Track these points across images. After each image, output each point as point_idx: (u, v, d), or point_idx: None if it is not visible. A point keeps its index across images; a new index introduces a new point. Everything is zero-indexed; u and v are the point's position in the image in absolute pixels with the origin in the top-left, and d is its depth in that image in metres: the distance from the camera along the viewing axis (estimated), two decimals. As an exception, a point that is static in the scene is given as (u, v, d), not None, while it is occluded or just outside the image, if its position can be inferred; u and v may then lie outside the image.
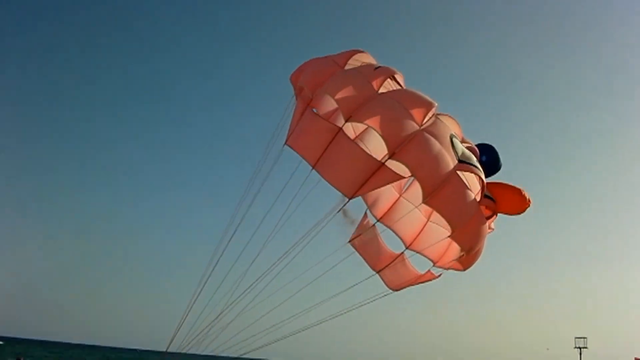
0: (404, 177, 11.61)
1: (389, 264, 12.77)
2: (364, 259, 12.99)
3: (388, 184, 11.81)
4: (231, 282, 12.09)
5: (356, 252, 12.96)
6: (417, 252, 12.96)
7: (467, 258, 12.51)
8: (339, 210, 11.90)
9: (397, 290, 12.99)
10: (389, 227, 13.02)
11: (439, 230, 12.28)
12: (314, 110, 12.17)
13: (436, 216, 12.24)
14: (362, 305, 12.76)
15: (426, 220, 12.85)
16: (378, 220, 13.09)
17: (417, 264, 13.03)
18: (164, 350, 12.90)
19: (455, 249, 12.33)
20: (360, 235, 12.88)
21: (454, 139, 11.67)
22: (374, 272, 12.94)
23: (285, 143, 12.21)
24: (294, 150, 12.00)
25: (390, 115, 11.08)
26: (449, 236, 11.87)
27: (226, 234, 12.24)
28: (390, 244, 13.27)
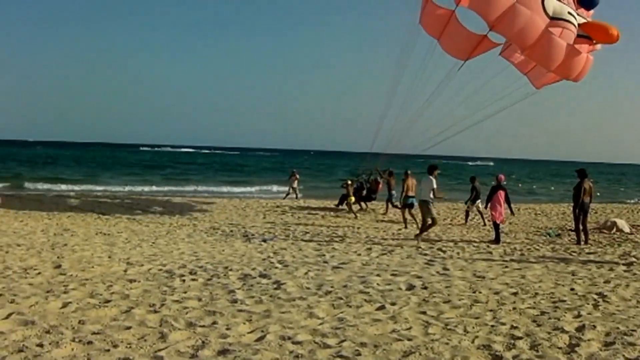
0: (502, 43, 16.23)
1: (534, 67, 16.59)
2: (514, 65, 17.25)
3: (491, 49, 16.57)
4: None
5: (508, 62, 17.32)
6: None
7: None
8: (459, 69, 17.13)
9: (539, 88, 17.18)
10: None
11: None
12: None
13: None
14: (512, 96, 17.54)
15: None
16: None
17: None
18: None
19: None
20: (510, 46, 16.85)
21: (545, 1, 15.46)
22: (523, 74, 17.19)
23: (419, 23, 17.24)
24: (423, 28, 17.08)
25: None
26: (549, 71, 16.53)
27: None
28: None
